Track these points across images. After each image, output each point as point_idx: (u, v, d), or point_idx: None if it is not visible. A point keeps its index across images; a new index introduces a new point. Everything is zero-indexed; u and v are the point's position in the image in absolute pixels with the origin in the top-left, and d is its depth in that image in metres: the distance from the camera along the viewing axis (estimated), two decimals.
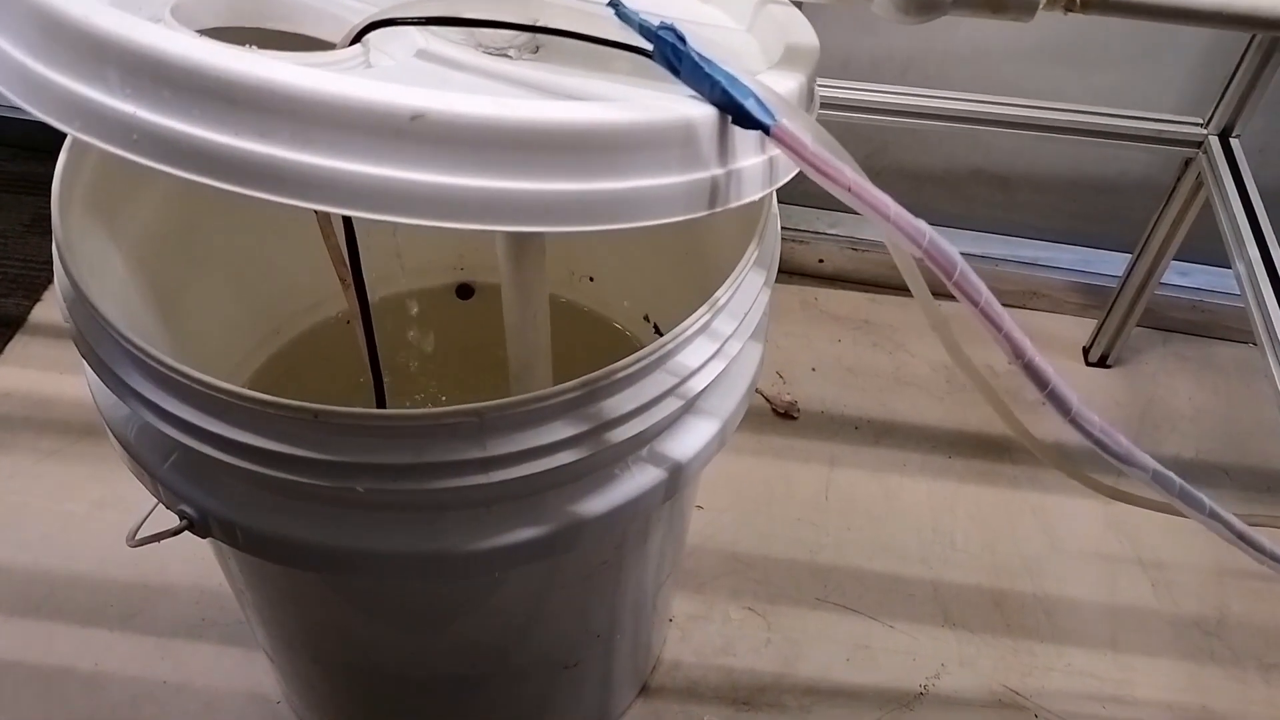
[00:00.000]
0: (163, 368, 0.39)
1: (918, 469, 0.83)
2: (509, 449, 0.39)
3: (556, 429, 0.39)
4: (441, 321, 0.69)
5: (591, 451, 0.40)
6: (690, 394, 0.42)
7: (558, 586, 0.50)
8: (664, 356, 0.41)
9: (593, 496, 0.43)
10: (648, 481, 0.44)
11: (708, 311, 0.42)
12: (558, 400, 0.39)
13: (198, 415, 0.39)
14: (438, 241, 0.66)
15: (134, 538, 0.47)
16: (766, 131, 0.32)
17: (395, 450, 0.38)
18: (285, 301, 0.64)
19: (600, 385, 0.39)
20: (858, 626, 0.73)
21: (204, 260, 0.58)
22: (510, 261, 0.46)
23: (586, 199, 0.32)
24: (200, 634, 0.70)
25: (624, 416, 0.40)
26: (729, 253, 0.56)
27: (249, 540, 0.42)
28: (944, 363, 0.90)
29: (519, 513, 0.42)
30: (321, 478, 0.38)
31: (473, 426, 0.38)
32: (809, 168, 0.33)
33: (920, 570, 0.76)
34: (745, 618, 0.73)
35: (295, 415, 0.37)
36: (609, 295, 0.69)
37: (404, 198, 0.30)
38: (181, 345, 0.56)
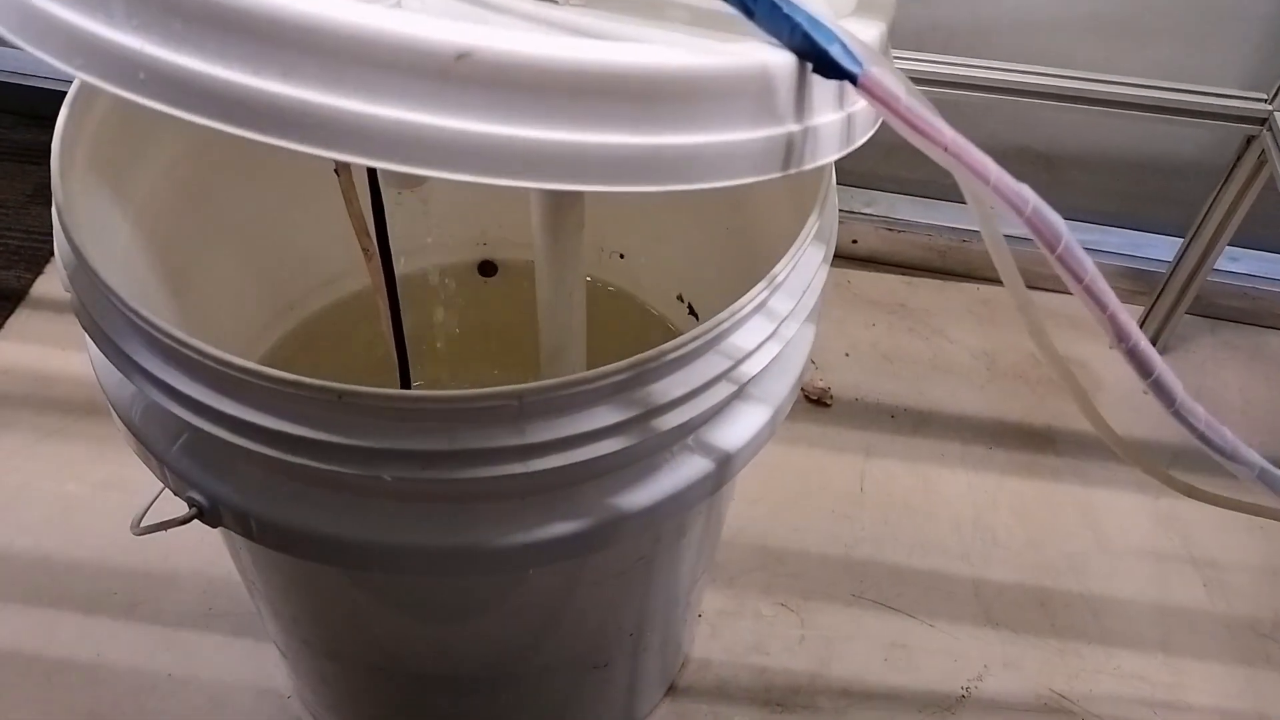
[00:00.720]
0: (171, 341, 0.35)
1: (957, 460, 0.79)
2: (549, 436, 0.35)
3: (600, 414, 0.36)
4: (462, 300, 0.66)
5: (637, 440, 0.37)
6: (743, 378, 0.39)
7: (591, 582, 0.47)
8: (717, 337, 0.37)
9: (635, 488, 0.40)
10: (694, 473, 0.41)
11: (765, 288, 0.38)
12: (603, 383, 0.35)
13: (209, 394, 0.36)
14: (462, 213, 0.63)
15: (138, 525, 0.44)
16: (853, 81, 0.29)
17: (426, 436, 0.35)
18: (301, 275, 0.60)
19: (649, 367, 0.36)
20: (895, 625, 0.70)
21: (216, 229, 0.54)
22: (546, 232, 0.43)
23: (651, 155, 0.28)
24: (207, 624, 0.67)
25: (673, 402, 0.37)
26: (776, 226, 0.52)
27: (263, 531, 0.39)
28: (984, 349, 0.87)
29: (556, 505, 0.39)
30: (344, 464, 0.35)
31: (511, 411, 0.35)
32: (901, 123, 0.29)
33: (961, 567, 0.73)
34: (777, 614, 0.69)
35: (317, 396, 0.34)
36: (640, 273, 0.65)
37: (445, 149, 0.26)
38: (190, 319, 0.53)
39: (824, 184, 0.42)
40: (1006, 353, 0.87)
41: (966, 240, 0.90)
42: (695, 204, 0.58)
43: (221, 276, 0.55)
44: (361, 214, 0.41)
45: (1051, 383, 0.85)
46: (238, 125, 0.26)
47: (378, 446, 0.34)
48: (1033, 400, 0.83)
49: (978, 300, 0.91)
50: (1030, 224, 0.30)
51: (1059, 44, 0.80)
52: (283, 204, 0.56)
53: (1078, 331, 0.89)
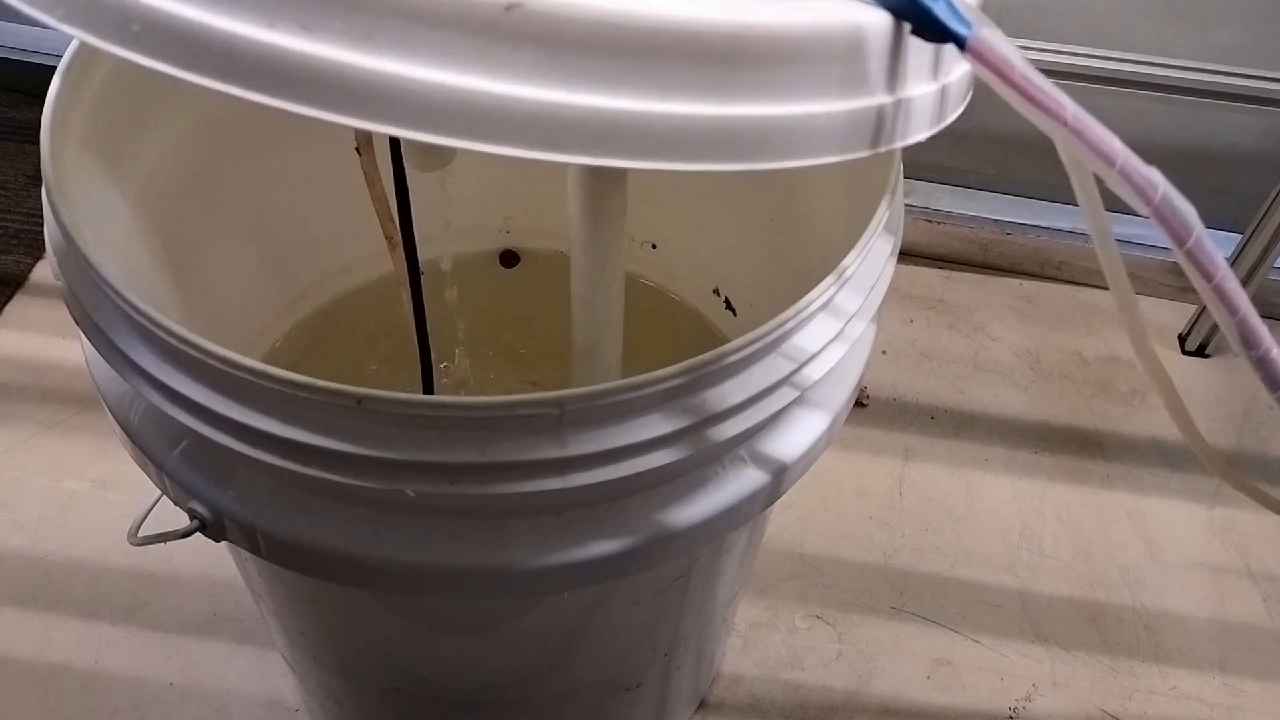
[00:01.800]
0: (171, 337, 0.31)
1: (1001, 465, 0.75)
2: (593, 448, 0.31)
3: (649, 424, 0.32)
4: (482, 292, 0.62)
5: (689, 452, 0.33)
6: (806, 383, 0.35)
7: (627, 602, 0.43)
8: (780, 338, 0.33)
9: (683, 503, 0.36)
10: (747, 486, 0.37)
11: (834, 284, 0.34)
12: (654, 390, 0.31)
13: (213, 397, 0.32)
14: (484, 197, 0.59)
15: (135, 534, 0.41)
16: (961, 45, 0.25)
17: (455, 447, 0.31)
18: (314, 263, 0.56)
19: (706, 372, 0.32)
20: (938, 640, 0.66)
21: (222, 212, 0.50)
22: (586, 218, 0.39)
23: (728, 128, 0.24)
24: (211, 631, 0.63)
25: (730, 410, 0.33)
26: (829, 215, 0.48)
27: (272, 548, 0.35)
28: (1027, 348, 0.83)
29: (595, 522, 0.35)
30: (363, 477, 0.31)
31: (550, 420, 0.31)
32: (1015, 94, 0.25)
33: (1007, 578, 0.69)
34: (813, 627, 0.66)
35: (334, 401, 0.30)
36: (674, 265, 0.61)
37: (490, 118, 0.22)
38: (194, 309, 0.49)
39: (894, 168, 0.38)
40: (1051, 351, 0.82)
41: (1009, 233, 0.86)
42: (737, 190, 0.54)
43: (229, 264, 0.52)
44: (385, 197, 0.37)
45: (1098, 383, 0.81)
46: (248, 88, 0.22)
47: (401, 458, 0.31)
48: (1079, 402, 0.79)
49: (1020, 296, 0.86)
50: (1157, 214, 0.26)
51: (1114, 25, 0.76)
52: (296, 186, 0.52)
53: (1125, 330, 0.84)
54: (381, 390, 0.30)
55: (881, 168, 0.40)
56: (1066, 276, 0.87)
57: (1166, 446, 0.77)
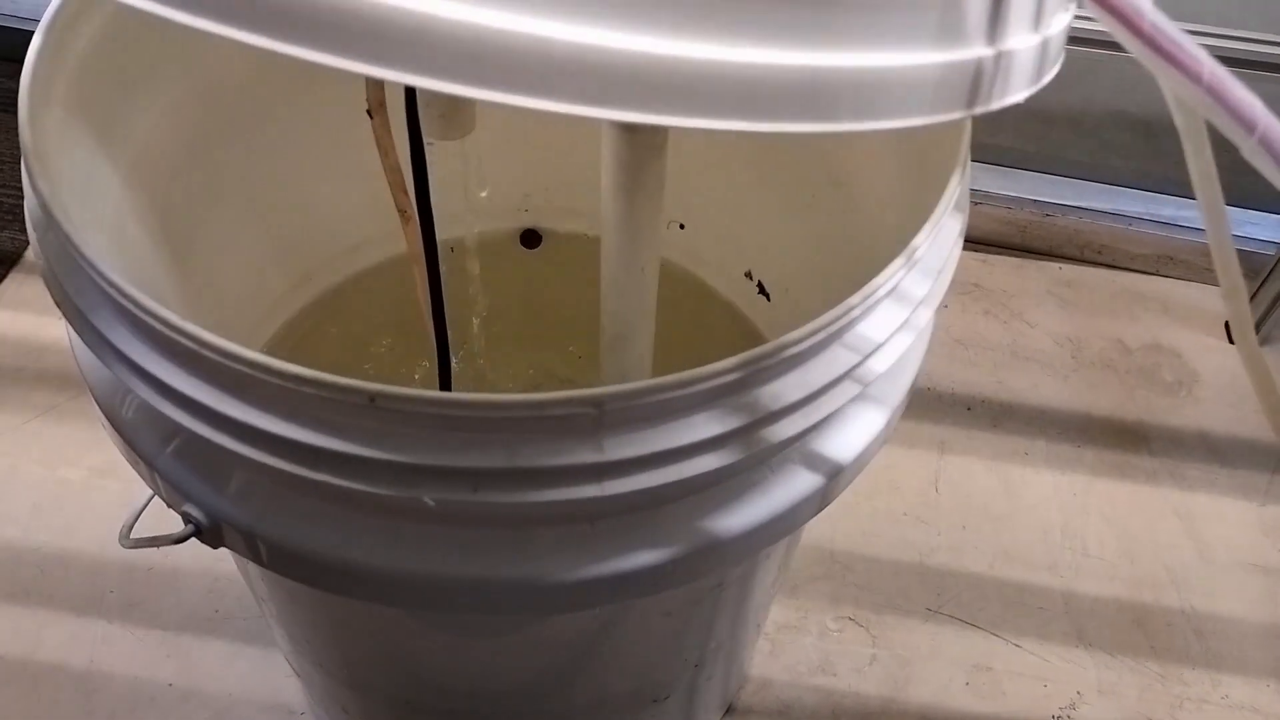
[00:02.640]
0: (160, 324, 0.28)
1: (1041, 459, 0.71)
2: (634, 451, 0.28)
3: (698, 425, 0.29)
4: (501, 275, 0.58)
5: (741, 455, 0.29)
6: (869, 378, 0.31)
7: (659, 613, 0.40)
8: (844, 328, 0.30)
9: (727, 510, 0.33)
10: (797, 490, 0.34)
11: (903, 266, 0.30)
12: (704, 386, 0.28)
13: (207, 391, 0.28)
14: (503, 171, 0.55)
15: (127, 536, 0.38)
16: None
17: (479, 450, 0.27)
18: (321, 241, 0.53)
19: (763, 366, 0.28)
20: (978, 644, 0.62)
21: (223, 186, 0.47)
22: (619, 192, 0.35)
23: (809, 81, 0.20)
24: (213, 629, 0.60)
25: (787, 408, 0.30)
26: (878, 191, 0.44)
27: (275, 557, 0.32)
28: (1068, 335, 0.79)
29: (632, 531, 0.32)
30: (376, 483, 0.28)
31: (587, 421, 0.27)
32: (1145, 47, 0.21)
33: (1049, 579, 0.66)
34: (846, 629, 0.62)
35: (343, 398, 0.26)
36: (702, 246, 0.57)
37: (527, 63, 0.18)
38: (193, 290, 0.46)
39: (963, 137, 0.34)
40: (1093, 339, 0.79)
41: (1049, 214, 0.82)
42: (776, 163, 0.50)
43: (230, 243, 0.48)
44: (399, 167, 0.33)
45: (1142, 373, 0.77)
46: (249, 30, 0.18)
47: (418, 462, 0.27)
48: (1122, 393, 0.76)
49: (1060, 281, 0.82)
50: None
51: None
52: (302, 158, 0.49)
53: (1169, 317, 0.81)
54: (397, 386, 0.26)
55: (947, 137, 0.36)
56: (1108, 260, 0.83)
57: (1214, 440, 0.73)
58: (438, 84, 0.18)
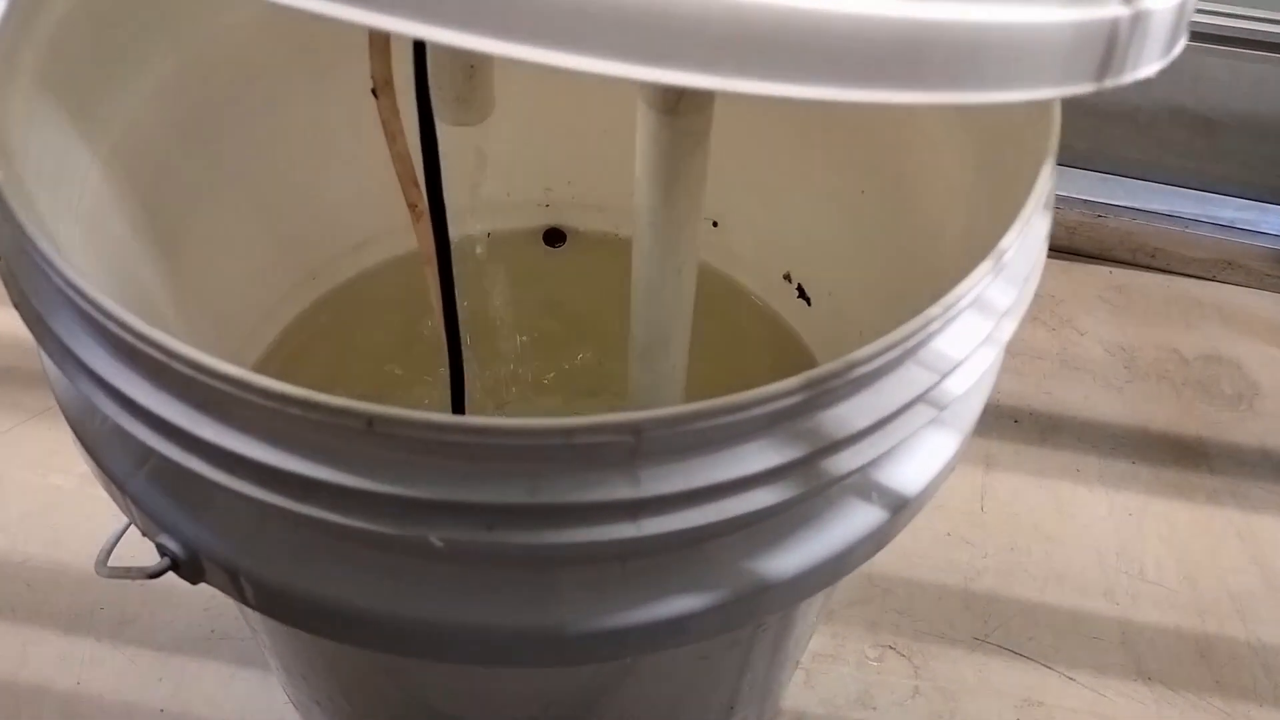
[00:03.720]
0: (124, 332, 0.24)
1: (1095, 476, 0.67)
2: (676, 486, 0.24)
3: (751, 455, 0.24)
4: (520, 277, 0.54)
5: (799, 490, 0.25)
6: (945, 400, 0.27)
7: (694, 657, 0.35)
8: (920, 343, 0.26)
9: (779, 549, 0.28)
10: (859, 527, 0.29)
11: (990, 271, 0.26)
12: (762, 411, 0.24)
13: (180, 410, 0.24)
14: (523, 164, 0.51)
15: (104, 563, 0.34)
16: None
17: (496, 483, 0.23)
18: (324, 238, 0.49)
19: (829, 387, 0.24)
20: (1028, 676, 0.58)
21: (217, 176, 0.43)
22: (657, 186, 0.31)
23: (911, 38, 0.16)
24: (209, 649, 0.56)
25: (854, 436, 0.25)
26: (943, 185, 0.40)
27: (263, 598, 0.28)
28: (1120, 343, 0.74)
29: (669, 572, 0.28)
30: (376, 520, 0.24)
31: (622, 450, 0.23)
32: None
33: (1104, 606, 0.61)
34: (886, 659, 0.58)
35: (336, 420, 0.22)
36: (737, 245, 0.53)
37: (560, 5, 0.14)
38: (186, 291, 0.42)
39: (1052, 124, 0.30)
40: (1146, 348, 0.74)
41: (1101, 215, 0.77)
42: (823, 153, 0.45)
43: (225, 237, 0.44)
44: (407, 155, 0.29)
45: (1200, 385, 0.72)
46: None
47: (424, 496, 0.23)
48: (1179, 406, 0.71)
49: (1111, 285, 0.78)
50: None
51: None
52: (305, 145, 0.45)
53: (1228, 325, 0.76)
54: (400, 409, 0.22)
55: (1030, 125, 0.31)
56: (1161, 265, 0.78)
57: (1279, 457, 0.68)
58: (448, 35, 0.14)
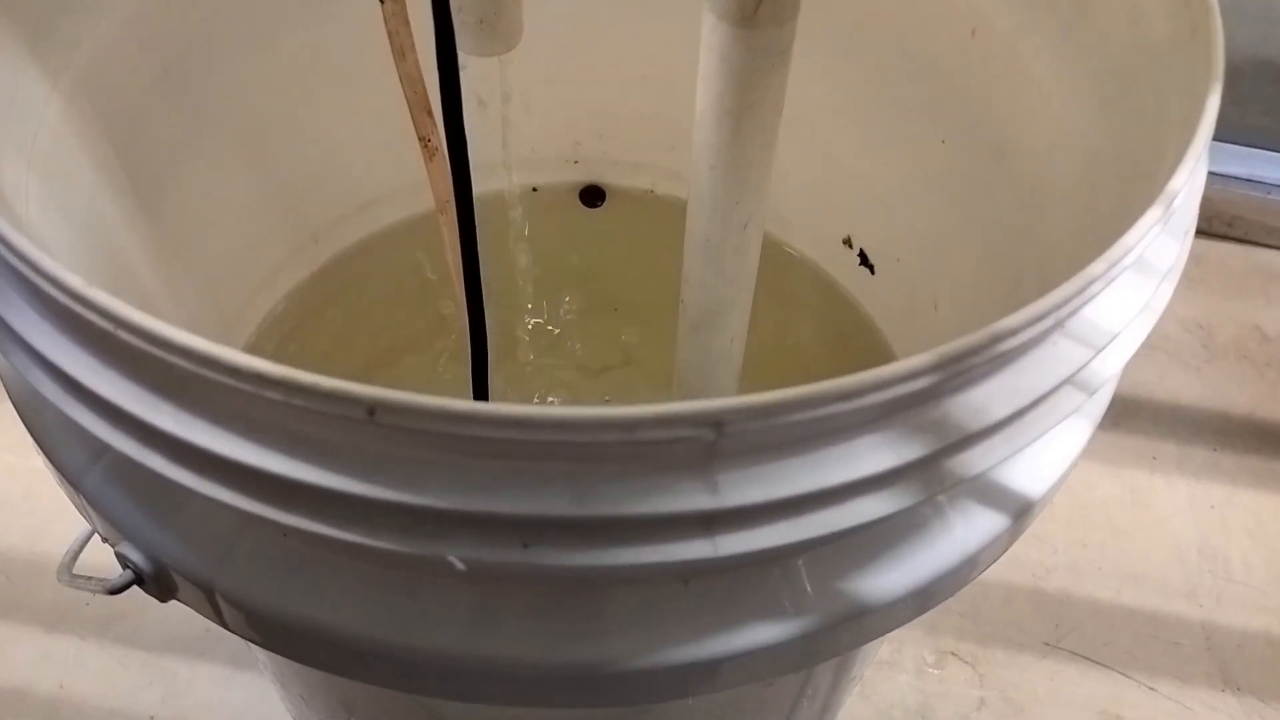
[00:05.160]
0: (61, 294, 0.19)
1: (1173, 464, 0.61)
2: (762, 494, 0.19)
3: (862, 454, 0.19)
4: (546, 240, 0.48)
5: (918, 497, 0.20)
6: (1095, 382, 0.22)
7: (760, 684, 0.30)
8: (1074, 311, 0.20)
9: (879, 565, 0.23)
10: (975, 537, 0.24)
11: (1157, 223, 0.21)
12: (881, 397, 0.18)
13: (131, 394, 0.19)
14: (548, 112, 0.45)
15: (68, 570, 0.29)
16: None
17: (533, 490, 0.18)
18: (327, 196, 0.43)
19: (967, 365, 0.19)
20: (1104, 686, 0.53)
21: (204, 122, 0.37)
22: (726, 120, 0.25)
23: None
24: (202, 650, 0.52)
25: (989, 429, 0.20)
26: (1050, 133, 0.34)
27: (243, 621, 0.23)
28: (1198, 320, 0.68)
29: (742, 594, 0.22)
30: (380, 534, 0.19)
31: (697, 448, 0.18)
32: None
33: (1186, 608, 0.56)
34: (947, 667, 0.53)
35: (332, 408, 0.17)
36: (788, 205, 0.47)
37: None
38: (166, 253, 0.37)
39: (1210, 39, 0.24)
40: (1225, 325, 0.68)
41: None
42: (897, 93, 0.40)
43: (214, 192, 0.39)
44: (419, 76, 0.24)
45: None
46: None
47: (441, 506, 0.18)
48: (1263, 388, 0.65)
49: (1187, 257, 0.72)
50: None
51: None
52: (303, 88, 0.39)
53: None
54: (410, 394, 0.17)
55: (1175, 48, 0.26)
56: (1239, 234, 0.72)
57: None
58: None
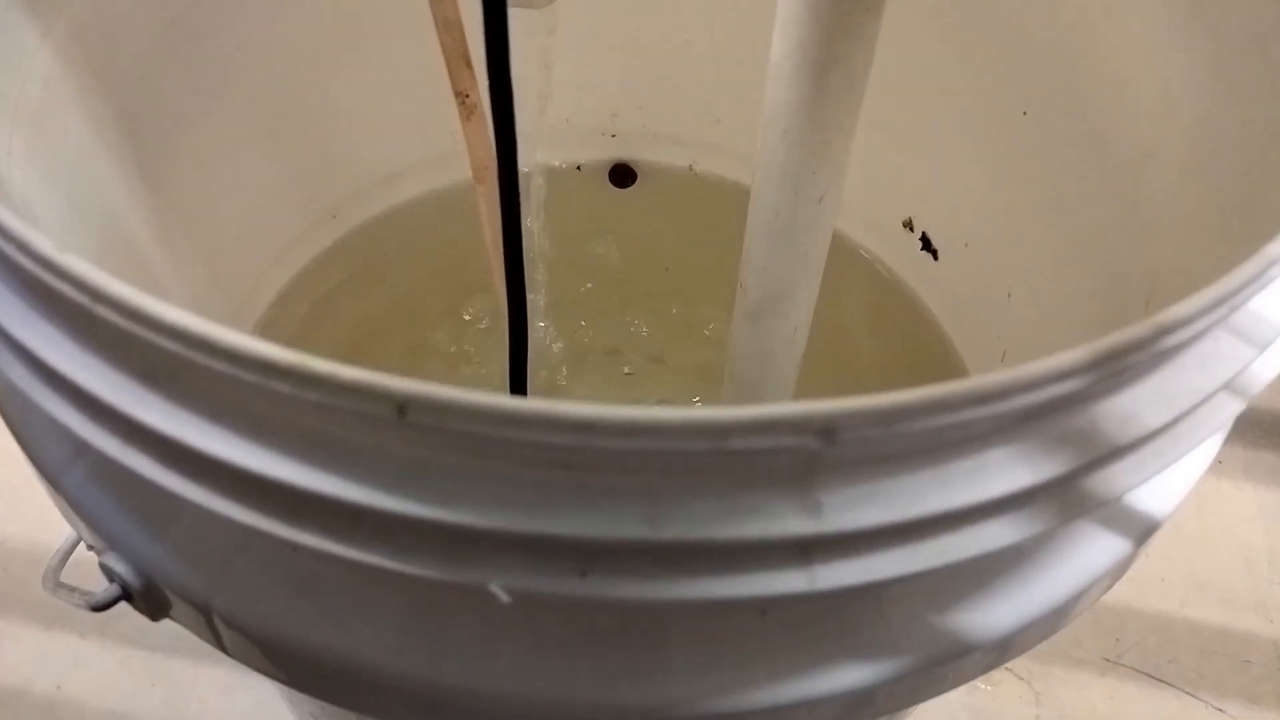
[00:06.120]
0: (38, 267, 0.16)
1: (1239, 469, 0.58)
2: (871, 517, 0.16)
3: (994, 470, 0.16)
4: (580, 220, 0.45)
5: (1054, 521, 0.16)
6: (1252, 386, 0.18)
7: None
8: (1244, 300, 0.17)
9: (989, 597, 0.20)
10: (1095, 562, 0.22)
11: None
12: (1026, 400, 0.15)
13: (116, 386, 0.16)
14: (585, 81, 0.42)
15: (54, 577, 0.27)
16: None
17: (594, 508, 0.15)
18: (348, 165, 0.41)
19: (1129, 362, 0.15)
20: (1169, 706, 0.50)
21: (216, 83, 0.35)
22: (810, 73, 0.22)
23: None
24: (208, 652, 0.48)
25: (1140, 440, 0.16)
26: (1151, 96, 0.30)
27: (246, 649, 0.20)
28: None
29: (828, 628, 0.19)
30: (409, 557, 0.16)
31: (796, 460, 0.15)
32: None
33: (1255, 623, 0.52)
34: (1002, 683, 0.50)
35: (355, 405, 0.14)
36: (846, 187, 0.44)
37: None
38: (171, 224, 0.34)
39: None
40: None
41: None
42: (970, 57, 0.36)
43: (225, 159, 0.36)
44: (458, 21, 0.20)
45: None
46: None
47: (482, 525, 0.15)
48: None
49: None
50: None
51: None
52: (327, 47, 0.36)
53: None
54: (449, 388, 0.14)
55: None
56: None
57: None
58: None
